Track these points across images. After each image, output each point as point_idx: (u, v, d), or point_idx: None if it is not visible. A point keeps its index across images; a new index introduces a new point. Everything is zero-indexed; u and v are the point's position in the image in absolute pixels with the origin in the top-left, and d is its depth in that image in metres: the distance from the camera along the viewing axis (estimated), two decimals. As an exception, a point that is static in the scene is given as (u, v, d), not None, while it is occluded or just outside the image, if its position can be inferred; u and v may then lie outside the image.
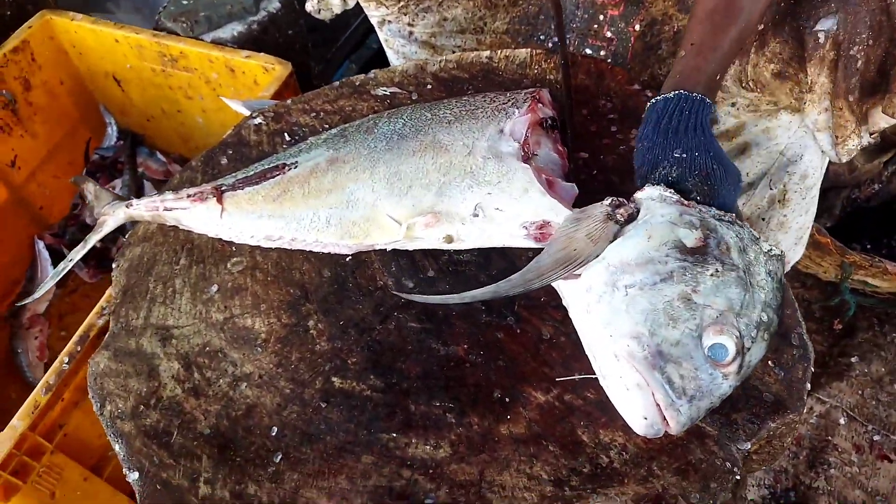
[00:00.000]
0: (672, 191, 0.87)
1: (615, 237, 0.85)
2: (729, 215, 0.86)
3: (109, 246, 1.83)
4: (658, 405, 0.76)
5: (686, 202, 0.86)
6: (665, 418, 0.77)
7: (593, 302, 0.82)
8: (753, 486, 1.48)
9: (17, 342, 1.71)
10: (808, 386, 0.90)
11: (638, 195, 0.89)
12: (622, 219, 0.86)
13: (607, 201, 0.88)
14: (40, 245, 1.84)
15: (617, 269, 0.82)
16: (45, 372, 1.68)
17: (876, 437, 1.52)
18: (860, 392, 1.60)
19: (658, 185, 0.88)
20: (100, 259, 1.84)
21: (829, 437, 1.53)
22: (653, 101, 0.96)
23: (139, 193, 1.91)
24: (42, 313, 1.77)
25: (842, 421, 1.55)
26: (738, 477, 0.84)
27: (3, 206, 1.77)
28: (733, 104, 1.47)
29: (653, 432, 0.78)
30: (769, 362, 0.91)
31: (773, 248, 0.84)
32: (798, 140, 1.43)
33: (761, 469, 1.12)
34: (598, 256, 0.84)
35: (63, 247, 1.84)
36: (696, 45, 0.98)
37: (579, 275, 0.85)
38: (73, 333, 1.75)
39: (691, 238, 0.82)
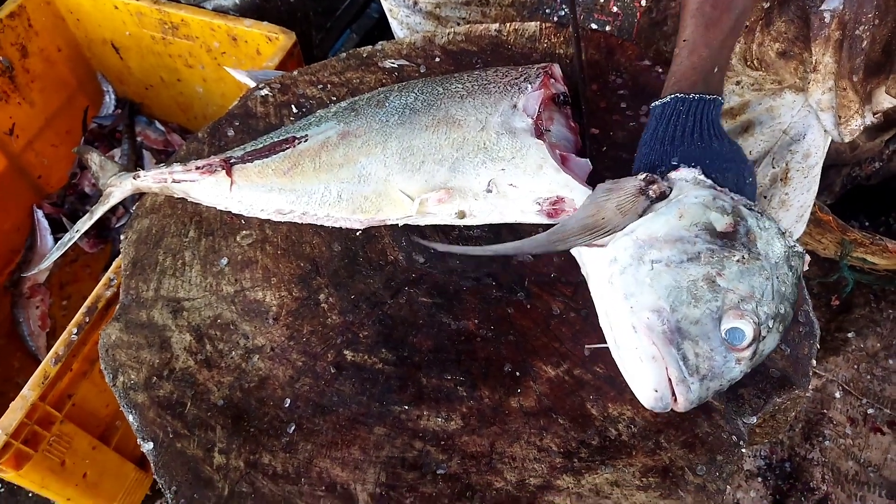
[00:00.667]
0: (705, 175, 0.88)
1: (644, 212, 0.86)
2: (759, 206, 0.87)
3: (109, 216, 1.82)
4: (670, 380, 0.78)
5: (719, 188, 0.87)
6: (674, 394, 0.78)
7: (616, 273, 0.83)
8: (750, 456, 1.51)
9: (18, 311, 1.71)
10: (814, 363, 0.92)
11: (672, 175, 0.90)
12: (654, 195, 0.87)
13: (641, 176, 0.88)
14: (39, 214, 1.82)
15: (645, 243, 0.83)
16: (47, 341, 1.70)
17: (870, 411, 1.55)
18: (856, 367, 1.63)
19: (694, 167, 0.88)
20: (100, 229, 1.83)
21: (825, 411, 1.56)
22: (653, 105, 0.96)
23: (138, 163, 1.89)
24: (43, 283, 1.77)
25: (837, 394, 1.58)
26: (744, 450, 0.86)
27: (2, 175, 1.75)
28: (738, 83, 1.47)
29: (661, 406, 0.79)
30: (775, 339, 0.92)
31: (797, 244, 0.85)
32: (801, 119, 1.43)
33: (764, 442, 1.14)
34: (623, 229, 0.85)
35: (62, 216, 1.83)
36: (689, 42, 0.95)
37: (605, 244, 0.85)
38: (75, 303, 1.76)
39: (722, 222, 0.83)
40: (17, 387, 1.63)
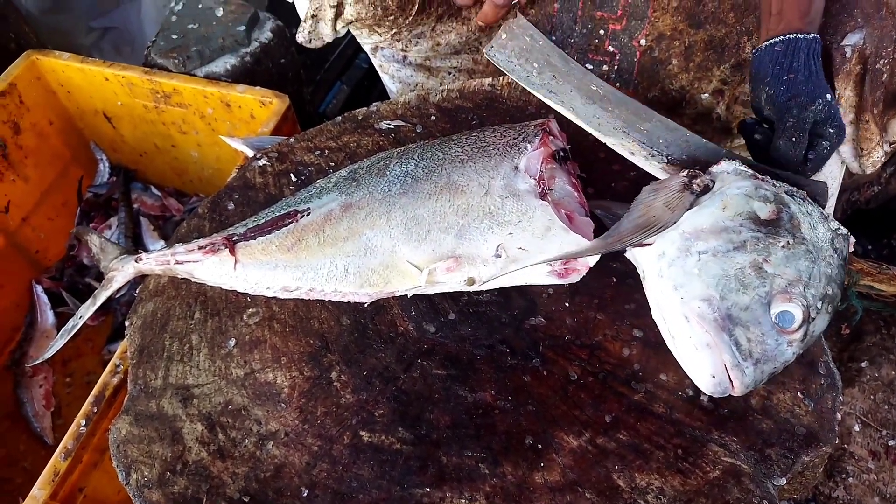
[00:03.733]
0: (746, 165, 0.91)
1: (690, 206, 0.89)
2: (801, 192, 0.90)
3: (109, 286, 1.79)
4: (725, 365, 0.80)
5: (760, 176, 0.90)
6: (731, 379, 0.80)
7: (665, 266, 0.86)
8: (774, 500, 1.48)
9: (21, 391, 1.67)
10: (839, 416, 0.90)
11: (714, 168, 0.93)
12: (698, 189, 0.90)
13: (684, 173, 0.92)
14: (38, 289, 1.80)
15: (691, 235, 0.86)
16: (52, 420, 1.67)
17: (891, 442, 1.52)
18: (872, 397, 1.61)
19: (734, 160, 0.92)
20: (100, 300, 1.80)
21: (846, 446, 1.53)
22: (794, 36, 0.98)
23: (136, 230, 1.88)
24: (45, 360, 1.74)
25: (856, 428, 1.55)
26: (776, 514, 0.83)
27: (-1, 253, 1.73)
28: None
29: (720, 391, 0.81)
30: (798, 393, 0.91)
31: (841, 227, 0.88)
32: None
33: (792, 498, 1.12)
34: (674, 224, 0.87)
35: (61, 290, 1.81)
36: None
37: (651, 243, 0.88)
38: (78, 379, 1.73)
39: (765, 211, 0.86)
40: (23, 471, 1.60)
